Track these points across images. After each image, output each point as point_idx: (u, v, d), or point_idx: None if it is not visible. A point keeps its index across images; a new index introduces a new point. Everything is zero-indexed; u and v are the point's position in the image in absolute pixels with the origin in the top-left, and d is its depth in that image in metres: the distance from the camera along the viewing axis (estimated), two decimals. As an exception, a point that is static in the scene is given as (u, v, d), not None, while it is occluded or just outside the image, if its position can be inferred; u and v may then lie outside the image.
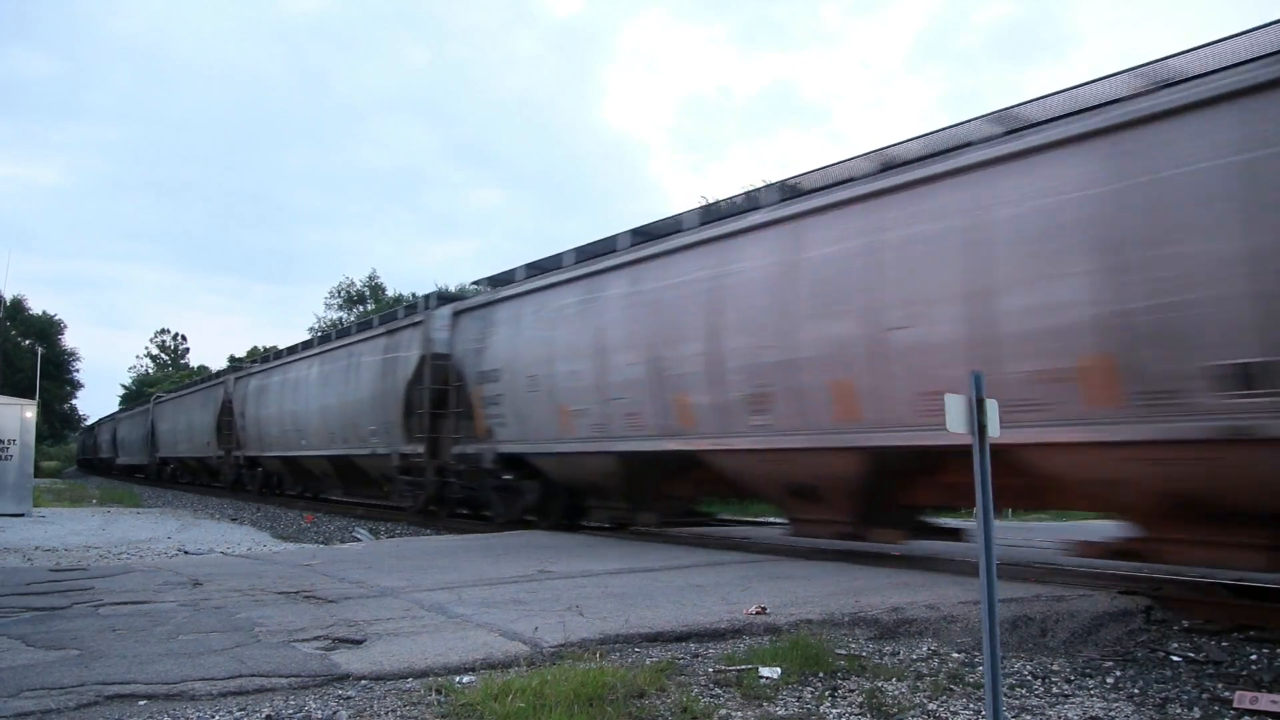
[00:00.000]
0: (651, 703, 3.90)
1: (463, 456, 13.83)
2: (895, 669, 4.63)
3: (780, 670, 4.40)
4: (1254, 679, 5.00)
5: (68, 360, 66.77)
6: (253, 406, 24.27)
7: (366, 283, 53.97)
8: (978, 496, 3.27)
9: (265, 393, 23.45)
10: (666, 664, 4.47)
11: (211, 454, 28.30)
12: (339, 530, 15.86)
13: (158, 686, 3.92)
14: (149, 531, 14.97)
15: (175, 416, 34.05)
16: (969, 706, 4.04)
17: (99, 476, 50.78)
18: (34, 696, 3.75)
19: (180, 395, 34.96)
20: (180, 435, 32.89)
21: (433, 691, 3.93)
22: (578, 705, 3.70)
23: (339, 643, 4.77)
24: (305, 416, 20.43)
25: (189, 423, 31.39)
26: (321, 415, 19.50)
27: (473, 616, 5.46)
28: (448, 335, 14.64)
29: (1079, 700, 4.31)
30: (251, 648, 4.63)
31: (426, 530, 15.19)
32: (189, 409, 31.73)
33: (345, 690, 3.99)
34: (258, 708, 3.69)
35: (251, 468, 25.26)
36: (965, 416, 3.35)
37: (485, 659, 4.47)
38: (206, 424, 28.65)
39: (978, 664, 4.65)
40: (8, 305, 55.00)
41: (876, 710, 3.98)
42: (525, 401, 12.25)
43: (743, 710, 3.91)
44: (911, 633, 5.46)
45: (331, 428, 18.87)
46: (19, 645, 4.70)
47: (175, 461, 35.15)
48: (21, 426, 17.87)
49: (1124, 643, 5.74)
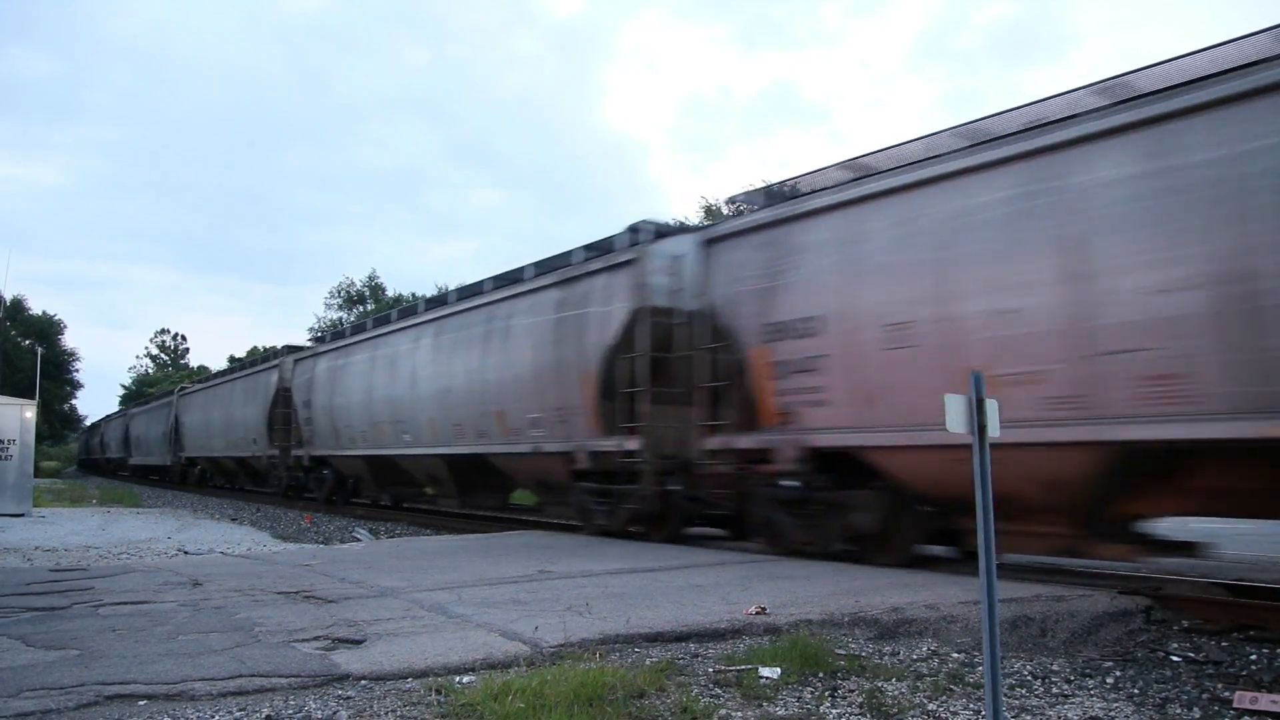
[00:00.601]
0: (651, 703, 3.90)
1: (725, 453, 9.48)
2: (895, 669, 4.63)
3: (780, 670, 4.40)
4: (1254, 679, 5.00)
5: (68, 360, 66.81)
6: (322, 393, 19.12)
7: (366, 283, 54.00)
8: (977, 497, 3.27)
9: (341, 376, 18.34)
10: (666, 664, 4.47)
11: (260, 453, 23.44)
12: (339, 530, 15.86)
13: (158, 686, 3.92)
14: (149, 531, 14.96)
15: (208, 410, 29.10)
16: (969, 706, 4.04)
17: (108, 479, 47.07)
18: (34, 696, 3.75)
19: (214, 385, 29.87)
20: (215, 431, 28.15)
21: (433, 691, 3.93)
22: (578, 705, 3.70)
23: (339, 643, 4.77)
24: (409, 403, 15.57)
25: (227, 417, 26.63)
26: (438, 401, 14.69)
27: (473, 616, 5.46)
28: (673, 280, 10.40)
29: (1079, 700, 4.31)
30: (251, 648, 4.63)
31: (427, 530, 15.19)
32: (227, 401, 26.90)
33: (345, 690, 3.99)
34: (258, 708, 3.69)
35: (317, 470, 20.39)
36: (965, 416, 3.35)
37: (485, 659, 4.47)
38: (252, 418, 23.89)
39: (978, 664, 4.65)
40: (8, 305, 55.02)
41: (876, 710, 3.98)
42: (877, 366, 7.90)
43: (743, 710, 3.91)
44: (911, 633, 5.46)
45: (456, 417, 14.15)
46: (19, 645, 4.70)
47: (206, 462, 30.95)
48: (21, 426, 17.87)
49: (1124, 643, 5.74)
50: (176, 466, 33.90)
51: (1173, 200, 6.19)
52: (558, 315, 11.93)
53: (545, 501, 13.61)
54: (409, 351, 15.78)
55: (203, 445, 29.83)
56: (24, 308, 63.60)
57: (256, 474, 25.28)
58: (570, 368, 11.54)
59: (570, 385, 11.53)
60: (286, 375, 21.57)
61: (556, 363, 11.81)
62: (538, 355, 12.20)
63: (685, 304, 10.25)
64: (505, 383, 12.86)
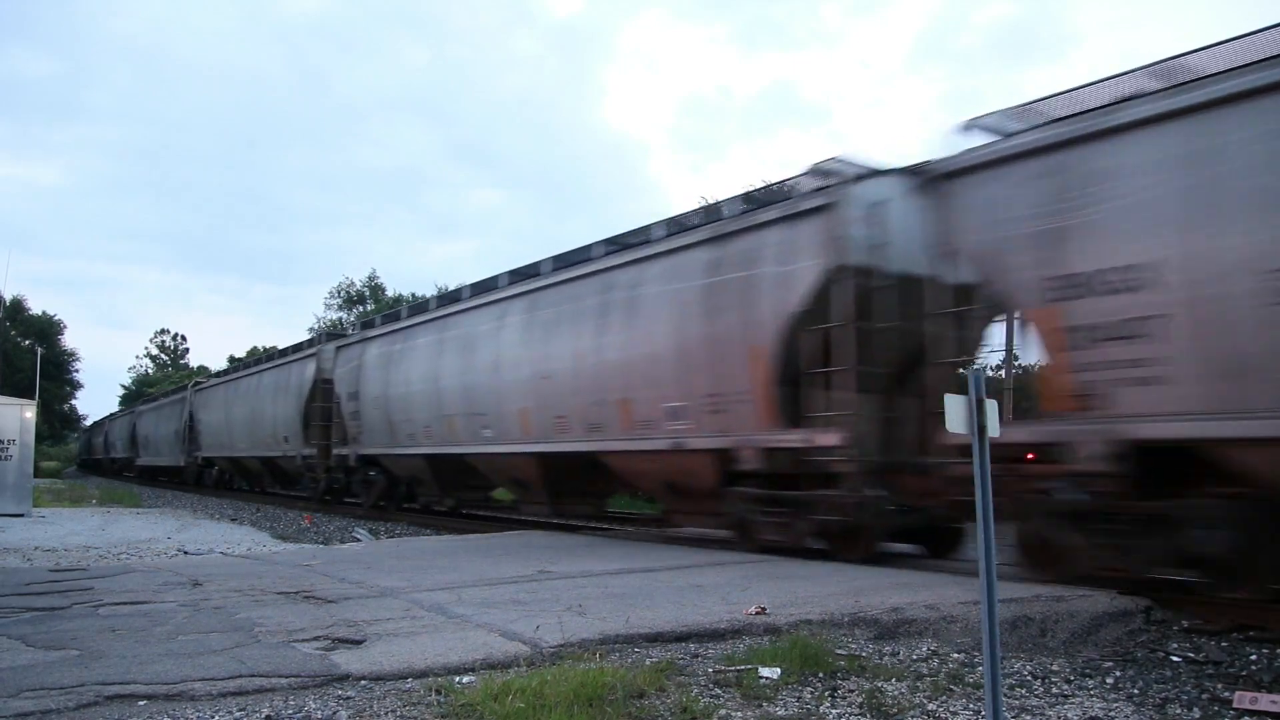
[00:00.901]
0: (651, 703, 3.90)
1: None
2: (895, 669, 4.63)
3: (780, 670, 4.40)
4: (1254, 679, 5.00)
5: (68, 360, 66.79)
6: (373, 383, 16.75)
7: (366, 283, 53.96)
8: (977, 497, 3.27)
9: (399, 362, 15.95)
10: (666, 664, 4.47)
11: (292, 452, 21.08)
12: (339, 530, 15.86)
13: (158, 687, 3.92)
14: (149, 532, 14.96)
15: (229, 406, 26.71)
16: (969, 707, 4.04)
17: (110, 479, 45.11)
18: (34, 696, 3.75)
19: (235, 378, 27.25)
20: (237, 429, 25.74)
21: (432, 692, 3.93)
22: (577, 705, 3.70)
23: (339, 643, 4.77)
24: (490, 393, 13.17)
25: (252, 413, 24.16)
26: (533, 389, 12.18)
27: (472, 617, 5.46)
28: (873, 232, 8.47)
29: (1079, 700, 4.31)
30: (251, 648, 4.63)
31: (427, 530, 15.19)
32: (252, 395, 24.54)
33: (345, 690, 3.99)
34: (257, 708, 3.69)
35: (363, 471, 18.02)
36: (965, 416, 3.35)
37: (485, 659, 4.47)
38: (283, 413, 21.62)
39: (978, 664, 4.65)
40: (8, 305, 55.05)
41: (876, 710, 3.98)
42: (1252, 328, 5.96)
43: (742, 710, 3.91)
44: (911, 633, 5.46)
45: (559, 407, 11.71)
46: (19, 645, 4.71)
47: (226, 463, 28.59)
48: (21, 426, 17.87)
49: (1124, 643, 5.74)
50: (191, 467, 31.56)
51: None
52: (710, 280, 9.69)
53: (676, 510, 11.04)
54: (491, 332, 13.41)
55: (222, 444, 27.62)
56: (24, 308, 63.62)
57: (286, 476, 23.47)
58: (731, 344, 9.31)
59: (731, 366, 9.29)
60: (326, 365, 19.18)
61: (709, 338, 9.58)
62: (681, 330, 9.97)
63: (889, 262, 8.40)
64: (632, 365, 10.57)
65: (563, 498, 12.84)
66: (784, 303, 8.81)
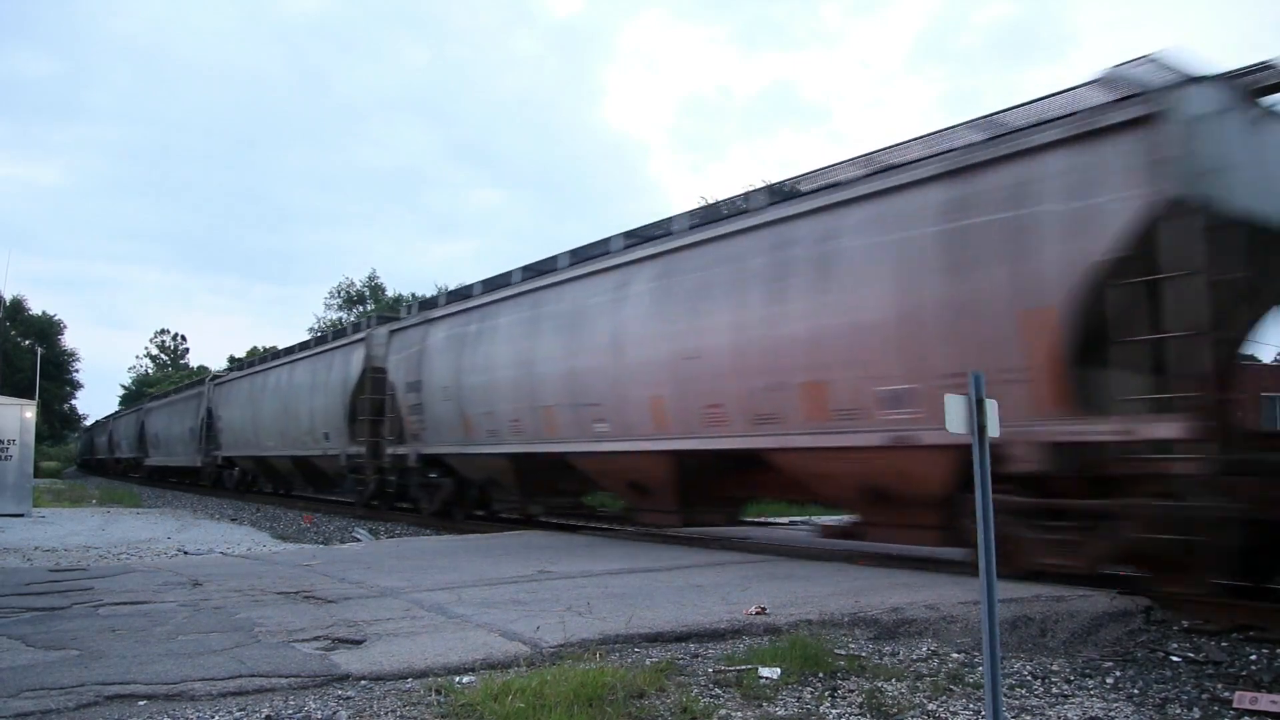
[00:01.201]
0: (651, 703, 3.90)
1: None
2: (895, 669, 4.63)
3: (780, 670, 4.40)
4: (1254, 679, 5.00)
5: (67, 360, 66.80)
6: (441, 371, 14.32)
7: (366, 283, 53.99)
8: (977, 496, 3.27)
9: (474, 346, 13.57)
10: (666, 664, 4.47)
11: (335, 450, 18.43)
12: (339, 530, 15.86)
13: (158, 687, 3.92)
14: (149, 532, 14.96)
15: (255, 401, 23.95)
16: (969, 707, 4.04)
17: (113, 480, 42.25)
18: (34, 696, 3.75)
19: (263, 370, 24.31)
20: (264, 426, 23.05)
21: (432, 692, 3.93)
22: (578, 705, 3.70)
23: (339, 643, 4.77)
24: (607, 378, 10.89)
25: (284, 407, 21.58)
26: (670, 373, 9.98)
27: (472, 617, 5.46)
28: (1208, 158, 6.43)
29: (1079, 700, 4.31)
30: (251, 648, 4.63)
31: (427, 530, 15.18)
32: (284, 388, 21.85)
33: (345, 690, 4.00)
34: (257, 708, 3.69)
35: (424, 472, 15.43)
36: (965, 416, 3.35)
37: (485, 659, 4.47)
38: (323, 407, 19.12)
39: (977, 664, 4.65)
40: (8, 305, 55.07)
41: (876, 710, 3.98)
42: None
43: (742, 710, 3.91)
44: (911, 633, 5.46)
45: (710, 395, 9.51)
46: (19, 645, 4.71)
47: (250, 463, 25.52)
48: (21, 426, 17.88)
49: (1124, 643, 5.74)
50: (209, 468, 28.37)
51: None
52: (949, 224, 7.52)
53: (875, 522, 8.62)
54: (606, 305, 11.06)
55: (246, 443, 24.68)
56: (24, 308, 63.66)
57: (323, 478, 20.98)
58: (991, 306, 7.17)
59: (991, 335, 7.15)
60: (378, 351, 16.59)
61: (951, 301, 7.44)
62: (905, 292, 7.80)
63: (1232, 196, 6.48)
64: (824, 339, 8.40)
65: (698, 504, 10.73)
66: (1083, 250, 6.65)
